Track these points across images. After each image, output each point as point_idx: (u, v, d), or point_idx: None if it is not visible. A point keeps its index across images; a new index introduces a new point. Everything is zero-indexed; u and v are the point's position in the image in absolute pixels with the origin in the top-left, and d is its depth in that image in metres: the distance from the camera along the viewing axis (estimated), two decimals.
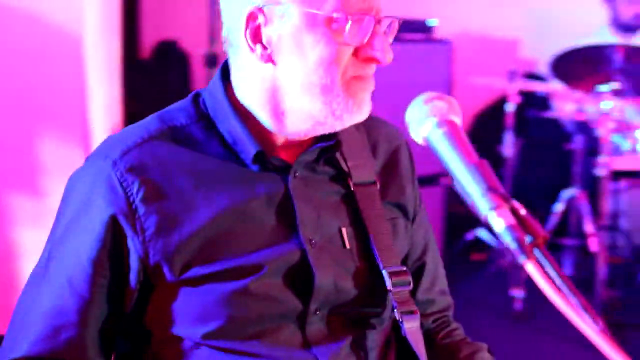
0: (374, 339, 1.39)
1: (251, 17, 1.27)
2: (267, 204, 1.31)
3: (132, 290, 1.30)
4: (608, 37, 4.40)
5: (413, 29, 4.23)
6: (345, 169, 1.38)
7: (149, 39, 5.03)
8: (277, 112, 1.30)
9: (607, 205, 3.89)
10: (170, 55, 4.98)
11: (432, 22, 4.31)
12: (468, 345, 1.49)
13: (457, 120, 1.21)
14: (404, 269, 1.39)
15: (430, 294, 1.51)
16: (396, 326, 1.42)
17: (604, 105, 3.72)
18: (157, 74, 4.82)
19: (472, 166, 1.12)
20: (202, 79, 4.50)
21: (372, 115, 1.38)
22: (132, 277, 1.29)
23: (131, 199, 1.27)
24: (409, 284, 1.39)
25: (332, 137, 1.35)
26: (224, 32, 1.33)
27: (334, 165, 1.39)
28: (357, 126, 1.37)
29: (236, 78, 1.34)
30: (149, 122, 1.36)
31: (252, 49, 1.28)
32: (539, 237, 1.05)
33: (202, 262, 1.27)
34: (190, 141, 1.32)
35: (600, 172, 3.79)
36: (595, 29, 4.48)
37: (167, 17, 5.05)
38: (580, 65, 3.96)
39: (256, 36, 1.27)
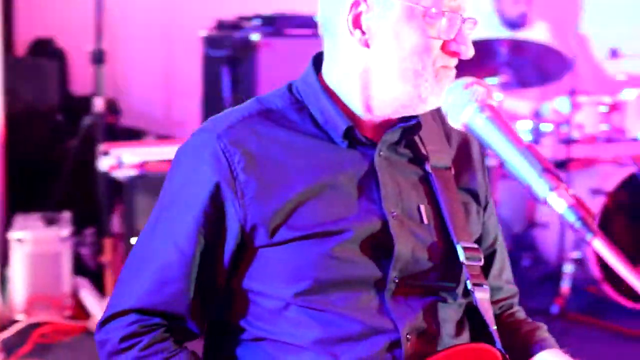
0: (448, 312, 1.50)
1: (355, 4, 1.40)
2: (354, 178, 1.45)
3: (230, 251, 1.43)
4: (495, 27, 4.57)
5: (303, 25, 4.24)
6: (424, 152, 1.51)
7: (24, 36, 4.90)
8: (366, 94, 1.44)
9: None
10: (47, 52, 4.84)
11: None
12: (529, 324, 1.61)
13: (495, 104, 1.24)
14: (476, 246, 1.51)
15: (499, 281, 1.61)
16: (469, 306, 1.53)
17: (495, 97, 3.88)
18: (32, 70, 4.64)
19: (524, 149, 1.16)
20: (86, 76, 4.36)
21: None
22: (231, 238, 1.42)
23: (233, 168, 1.41)
24: (480, 259, 1.50)
25: (413, 119, 1.47)
26: (321, 20, 1.47)
27: (414, 148, 1.51)
28: (433, 116, 1.51)
29: (329, 63, 1.48)
30: (250, 104, 1.50)
31: (351, 33, 1.41)
32: (593, 216, 1.10)
33: (293, 226, 1.40)
34: (286, 121, 1.47)
35: None
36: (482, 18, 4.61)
37: (43, 15, 4.94)
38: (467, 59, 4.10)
39: (356, 22, 1.41)
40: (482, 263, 1.50)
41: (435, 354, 1.45)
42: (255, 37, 4.04)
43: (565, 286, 3.97)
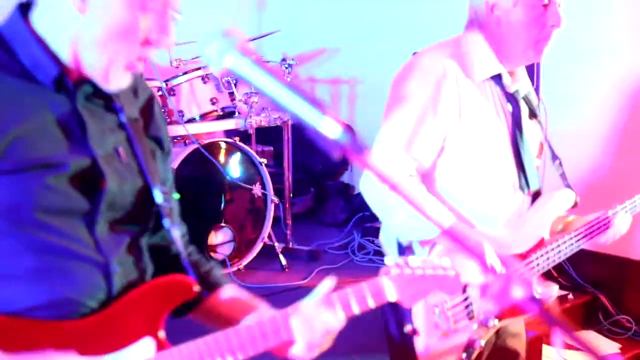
0: (145, 243, 1.67)
1: None
2: (61, 119, 1.53)
3: None
4: None
5: None
6: (119, 104, 1.65)
7: None
8: (75, 55, 1.54)
9: None
10: None
11: None
12: (205, 263, 1.83)
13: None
14: (168, 189, 1.71)
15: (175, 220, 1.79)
16: (153, 245, 1.72)
17: None
18: None
19: (289, 85, 1.29)
20: None
21: None
22: None
23: None
24: (172, 201, 1.71)
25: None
26: None
27: (109, 100, 1.63)
28: None
29: (42, 14, 1.55)
30: None
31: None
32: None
33: (10, 158, 1.45)
34: None
35: None
36: None
37: None
38: None
39: None
40: (173, 205, 1.71)
41: (141, 284, 1.61)
42: None
43: None
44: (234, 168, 4.89)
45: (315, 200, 6.45)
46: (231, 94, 4.94)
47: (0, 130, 1.46)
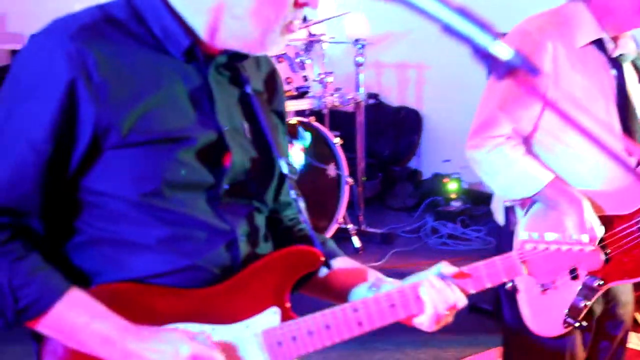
0: (261, 220, 1.64)
1: None
2: (190, 91, 1.52)
3: (80, 151, 1.43)
4: None
5: None
6: (245, 76, 1.62)
7: None
8: (213, 27, 1.50)
9: None
10: None
11: None
12: (319, 237, 1.72)
13: None
14: (290, 162, 1.66)
15: (288, 197, 1.73)
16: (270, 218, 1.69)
17: None
18: None
19: (459, 9, 1.25)
20: None
21: None
22: (83, 138, 1.42)
23: (88, 68, 1.40)
24: (296, 173, 1.68)
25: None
26: None
27: (236, 71, 1.61)
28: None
29: None
30: (93, 10, 1.48)
31: None
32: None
33: (142, 130, 1.44)
34: (129, 31, 1.48)
35: None
36: None
37: None
38: None
39: None
40: (296, 177, 1.68)
41: (266, 255, 1.59)
42: None
43: None
44: (309, 148, 4.86)
45: (383, 185, 6.41)
46: (304, 75, 4.91)
47: (136, 100, 1.44)
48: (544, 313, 2.33)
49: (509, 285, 2.26)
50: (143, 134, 1.44)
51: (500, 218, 2.55)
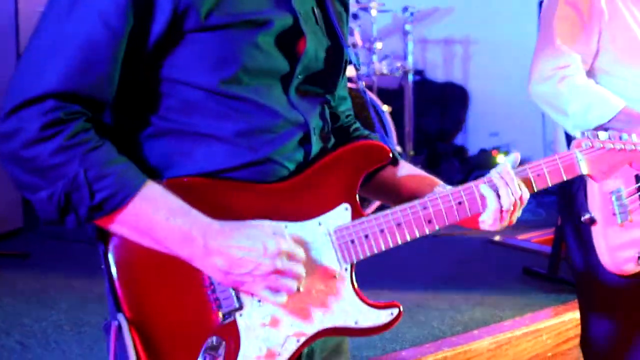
0: (329, 114, 1.61)
1: None
2: None
3: (157, 33, 1.35)
4: None
5: None
6: None
7: None
8: None
9: None
10: None
11: None
12: (373, 135, 1.71)
13: None
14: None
15: (345, 91, 1.69)
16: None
17: None
18: None
19: None
20: None
21: None
22: (161, 18, 1.35)
23: None
24: (360, 66, 1.66)
25: None
26: None
27: None
28: None
29: None
30: None
31: None
32: None
33: (223, 11, 1.38)
34: None
35: None
36: None
37: None
38: None
39: None
40: (360, 67, 1.68)
41: (337, 148, 1.53)
42: None
43: None
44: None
45: (429, 161, 6.35)
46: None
47: None
48: (619, 248, 2.28)
49: (586, 216, 2.26)
50: (223, 17, 1.38)
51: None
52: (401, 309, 1.51)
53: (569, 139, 2.43)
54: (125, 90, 1.39)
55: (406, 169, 1.66)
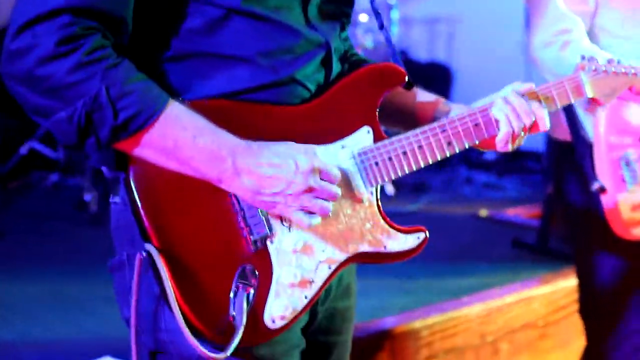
0: (344, 34, 1.58)
1: None
2: None
3: None
4: None
5: None
6: None
7: None
8: None
9: None
10: None
11: None
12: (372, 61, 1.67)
13: None
14: None
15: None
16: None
17: None
18: None
19: None
20: None
21: None
22: None
23: None
24: None
25: None
26: None
27: None
28: None
29: None
30: None
31: None
32: None
33: None
34: None
35: None
36: None
37: None
38: None
39: None
40: None
41: (352, 72, 1.50)
42: None
43: None
44: None
45: None
46: None
47: None
48: (630, 212, 2.27)
49: (596, 185, 2.25)
50: None
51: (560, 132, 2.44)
52: (427, 233, 1.50)
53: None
54: (147, 13, 1.33)
55: (421, 95, 1.65)
